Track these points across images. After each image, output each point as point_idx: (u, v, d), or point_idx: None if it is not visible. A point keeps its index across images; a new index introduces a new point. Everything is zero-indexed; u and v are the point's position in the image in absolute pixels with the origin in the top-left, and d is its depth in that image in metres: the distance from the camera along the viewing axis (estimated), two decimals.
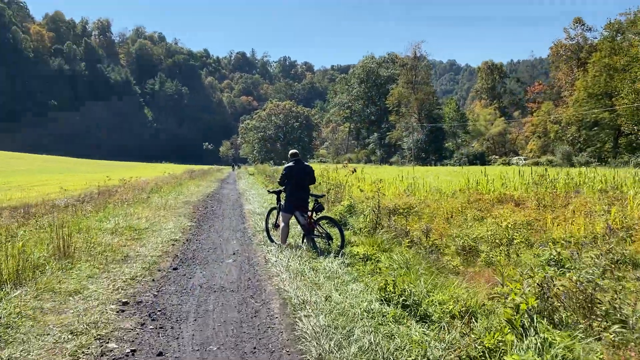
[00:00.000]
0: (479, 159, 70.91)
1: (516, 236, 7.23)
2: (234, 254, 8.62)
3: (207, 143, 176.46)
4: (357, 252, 7.30)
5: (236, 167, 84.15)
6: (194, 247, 9.17)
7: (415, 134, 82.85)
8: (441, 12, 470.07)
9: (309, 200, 8.90)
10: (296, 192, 8.62)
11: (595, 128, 60.72)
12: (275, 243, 9.00)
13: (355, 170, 13.76)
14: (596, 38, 65.13)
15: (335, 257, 7.25)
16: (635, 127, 52.39)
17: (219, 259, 8.11)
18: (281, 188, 9.16)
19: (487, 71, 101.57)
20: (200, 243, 9.63)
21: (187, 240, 9.93)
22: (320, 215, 8.84)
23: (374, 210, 9.50)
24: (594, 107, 58.53)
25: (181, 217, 13.02)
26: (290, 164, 8.73)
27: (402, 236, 8.28)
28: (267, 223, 9.80)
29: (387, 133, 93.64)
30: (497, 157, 75.57)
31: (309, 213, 8.67)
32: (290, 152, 9.11)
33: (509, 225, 7.53)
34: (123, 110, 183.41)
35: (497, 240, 7.32)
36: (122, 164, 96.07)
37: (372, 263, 6.73)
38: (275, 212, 9.78)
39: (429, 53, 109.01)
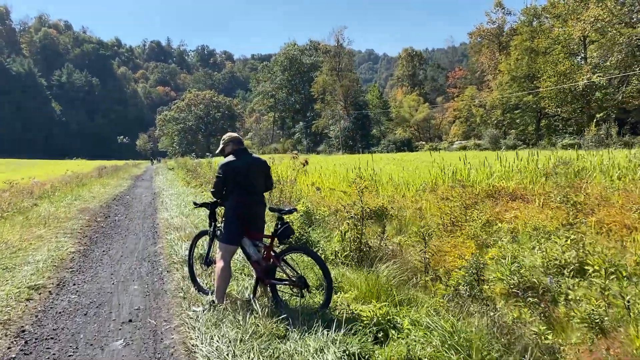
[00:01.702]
0: (406, 146, 69.99)
1: (595, 261, 4.46)
2: (130, 321, 4.87)
3: (122, 137, 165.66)
4: (359, 312, 4.12)
5: (155, 161, 78.81)
6: (64, 305, 5.36)
7: (342, 121, 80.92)
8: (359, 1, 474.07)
9: (265, 218, 5.43)
10: (243, 205, 4.95)
11: (517, 111, 61.42)
12: (207, 297, 5.15)
13: (307, 163, 10.65)
14: (515, 22, 65.85)
15: (322, 325, 3.97)
16: (558, 109, 53.02)
17: (98, 342, 4.38)
18: (216, 200, 5.35)
19: (408, 58, 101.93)
20: (79, 292, 5.82)
21: (59, 284, 6.14)
22: (287, 244, 5.40)
23: (355, 224, 6.34)
24: (518, 90, 58.98)
25: (66, 236, 9.32)
26: (230, 158, 5.06)
27: (407, 268, 5.30)
28: (191, 258, 5.79)
29: (313, 122, 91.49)
30: (423, 143, 75.20)
31: (267, 241, 5.12)
32: (228, 136, 5.31)
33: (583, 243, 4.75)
34: (27, 103, 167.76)
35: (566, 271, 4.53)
36: (23, 161, 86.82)
37: (396, 342, 3.59)
38: (206, 239, 5.80)
39: (351, 40, 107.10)
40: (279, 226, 4.94)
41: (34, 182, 21.48)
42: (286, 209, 5.13)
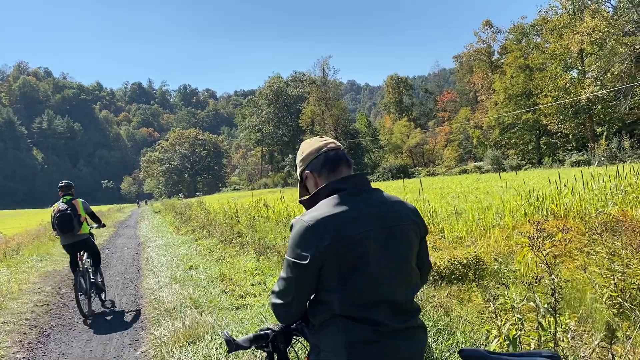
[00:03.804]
0: (403, 172, 67.47)
1: None
2: None
3: (106, 181, 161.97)
4: None
5: (141, 204, 75.53)
6: None
7: None
8: (339, 35, 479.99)
9: None
10: (370, 352, 1.69)
11: (515, 129, 59.42)
12: None
13: None
14: (505, 40, 64.52)
15: None
16: (559, 125, 50.98)
17: None
18: (287, 326, 1.99)
19: (394, 85, 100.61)
20: None
21: None
22: None
23: None
24: (515, 108, 57.09)
25: (3, 330, 6.21)
26: (326, 208, 1.75)
27: None
28: None
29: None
30: (420, 168, 72.74)
31: None
32: (312, 150, 1.96)
33: None
34: (7, 153, 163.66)
35: None
36: (4, 212, 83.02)
37: None
38: None
39: (337, 69, 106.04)
40: None
41: None
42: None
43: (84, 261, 7.29)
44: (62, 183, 7.51)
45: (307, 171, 1.98)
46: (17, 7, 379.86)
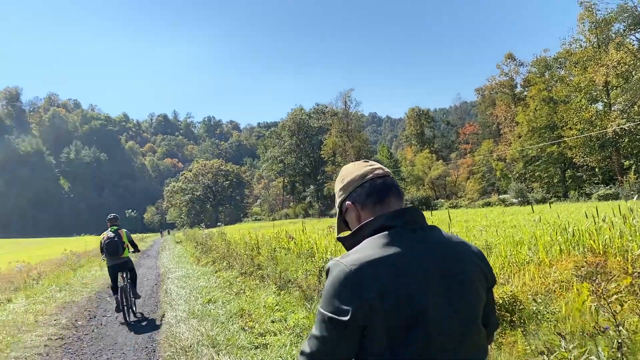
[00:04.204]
0: (425, 204, 66.68)
1: None
2: None
3: (130, 210, 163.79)
4: None
5: (164, 233, 76.38)
6: None
7: None
8: (361, 69, 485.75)
9: None
10: None
11: (539, 162, 58.50)
12: None
13: None
14: (528, 73, 64.25)
15: None
16: (585, 158, 50.02)
17: None
18: None
19: (415, 117, 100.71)
20: None
21: None
22: None
23: None
24: (539, 141, 56.36)
25: None
26: (371, 250, 1.41)
27: None
28: None
29: (324, 184, 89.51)
30: (442, 200, 71.88)
31: None
32: (354, 176, 1.62)
33: None
34: (35, 182, 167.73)
35: None
36: (32, 240, 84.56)
37: None
38: None
39: (358, 102, 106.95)
40: None
41: (18, 267, 18.32)
42: None
43: (124, 279, 9.21)
44: (110, 216, 9.56)
45: (348, 202, 1.60)
46: (50, 39, 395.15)
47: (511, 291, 5.53)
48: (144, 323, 8.54)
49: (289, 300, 8.07)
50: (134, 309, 9.32)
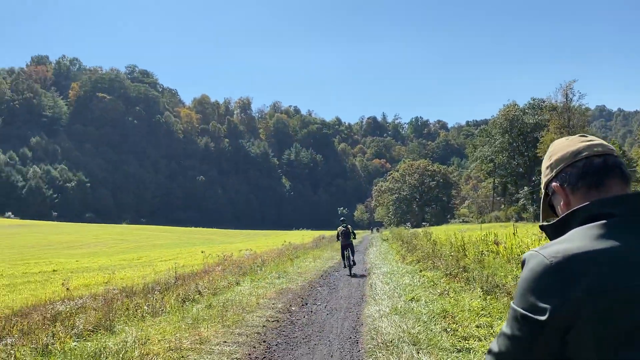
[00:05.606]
0: None
1: None
2: None
3: (341, 208, 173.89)
4: None
5: (374, 230, 79.59)
6: None
7: None
8: (584, 56, 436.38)
9: None
10: None
11: None
12: None
13: None
14: None
15: None
16: None
17: None
18: None
19: None
20: None
21: None
22: None
23: None
24: None
25: (237, 342, 6.73)
26: (587, 242, 1.12)
27: None
28: None
29: (540, 186, 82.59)
30: None
31: None
32: (565, 153, 1.32)
33: None
34: (262, 181, 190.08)
35: None
36: (259, 232, 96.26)
37: None
38: None
39: (582, 94, 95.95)
40: None
41: (246, 254, 20.79)
42: None
43: (347, 252, 16.57)
44: (342, 218, 19.05)
45: (555, 183, 1.32)
46: (273, 52, 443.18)
47: None
48: (349, 313, 8.87)
49: (495, 306, 7.54)
50: (352, 263, 16.28)
